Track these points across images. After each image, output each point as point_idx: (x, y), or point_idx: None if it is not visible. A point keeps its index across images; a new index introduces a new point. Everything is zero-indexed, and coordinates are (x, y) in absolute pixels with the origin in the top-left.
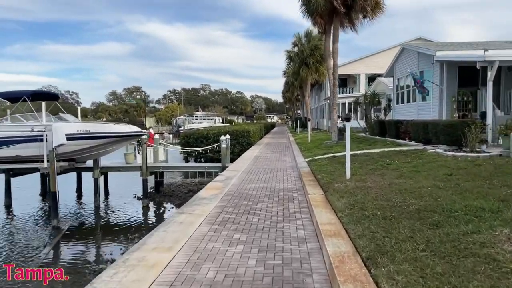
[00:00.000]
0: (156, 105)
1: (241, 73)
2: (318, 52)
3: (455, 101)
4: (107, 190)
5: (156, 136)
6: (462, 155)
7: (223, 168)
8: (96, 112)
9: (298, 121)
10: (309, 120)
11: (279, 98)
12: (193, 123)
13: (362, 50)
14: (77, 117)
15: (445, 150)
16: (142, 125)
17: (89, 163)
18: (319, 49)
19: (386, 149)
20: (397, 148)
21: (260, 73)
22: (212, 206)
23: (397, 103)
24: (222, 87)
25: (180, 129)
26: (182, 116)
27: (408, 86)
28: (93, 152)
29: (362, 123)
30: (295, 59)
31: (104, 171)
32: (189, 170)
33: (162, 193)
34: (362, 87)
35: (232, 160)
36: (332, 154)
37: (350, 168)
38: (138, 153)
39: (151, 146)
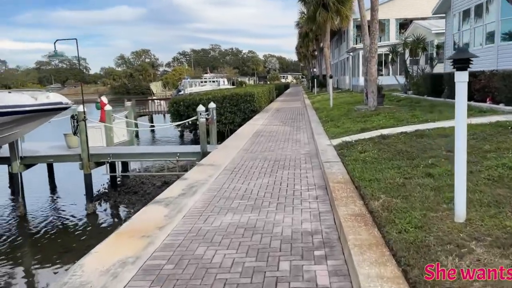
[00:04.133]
0: (166, 69)
1: (254, 32)
2: None
3: None
4: (55, 184)
5: (109, 108)
6: None
7: (203, 155)
8: (100, 78)
9: (315, 80)
10: (331, 77)
11: (293, 57)
12: (194, 87)
13: None
14: None
15: None
16: (148, 90)
17: (5, 152)
18: None
19: (474, 121)
20: (493, 118)
21: (273, 32)
22: None
23: (454, 49)
24: (234, 47)
25: (180, 93)
26: (185, 79)
27: (479, 20)
28: None
29: (401, 79)
30: (309, 0)
31: (28, 163)
32: (153, 160)
33: (122, 190)
34: (393, 35)
35: (227, 135)
36: (376, 131)
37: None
38: (75, 134)
39: (101, 124)
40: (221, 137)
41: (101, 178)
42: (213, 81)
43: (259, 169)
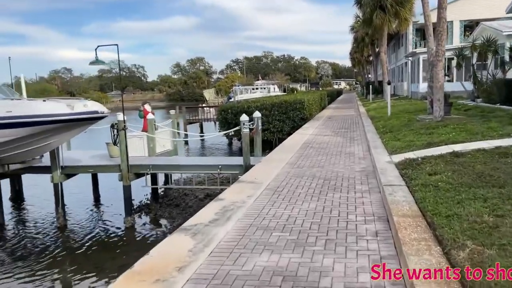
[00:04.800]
0: (220, 76)
1: (306, 39)
2: None
3: None
4: (98, 193)
5: (151, 116)
6: None
7: (246, 168)
8: (157, 85)
9: (370, 86)
10: (389, 83)
11: (346, 63)
12: (244, 94)
13: None
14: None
15: None
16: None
17: (46, 161)
18: None
19: None
20: None
21: (326, 38)
22: None
23: None
24: (285, 54)
25: (230, 100)
26: (236, 86)
27: None
28: (11, 149)
29: (468, 86)
30: (366, 1)
31: (69, 172)
32: (194, 172)
33: (164, 202)
34: (456, 39)
35: (275, 144)
36: (446, 146)
37: None
38: (115, 144)
39: (143, 133)
40: (269, 146)
41: (144, 189)
42: (263, 88)
43: (306, 189)
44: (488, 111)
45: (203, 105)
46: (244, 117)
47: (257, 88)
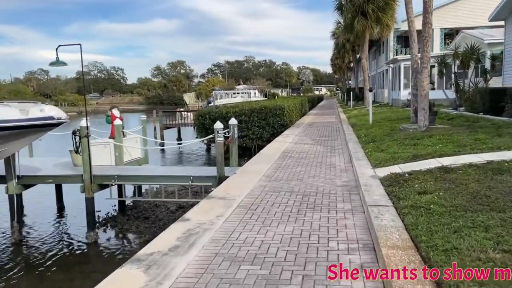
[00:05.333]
0: (201, 80)
1: (288, 44)
2: None
3: None
4: (62, 204)
5: (119, 122)
6: None
7: (219, 180)
8: (135, 88)
9: (351, 92)
10: (371, 90)
11: (328, 69)
12: (224, 98)
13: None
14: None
15: None
16: (181, 100)
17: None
18: None
19: None
20: None
21: (308, 44)
22: None
23: None
24: (267, 59)
25: (210, 105)
26: (216, 90)
27: None
28: None
29: (450, 94)
30: (347, 7)
31: (27, 183)
32: (162, 183)
33: (133, 214)
34: (436, 47)
35: (254, 151)
36: (433, 160)
37: None
38: (77, 153)
39: (111, 139)
40: (249, 152)
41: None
42: (244, 93)
43: (282, 207)
44: (472, 121)
45: (181, 109)
46: (218, 125)
47: (238, 93)
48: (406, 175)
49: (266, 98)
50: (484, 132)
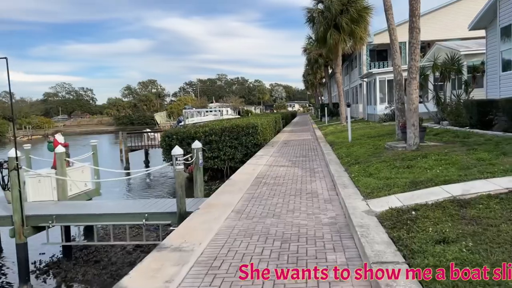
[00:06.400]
0: (173, 99)
1: (260, 62)
2: (354, 7)
3: None
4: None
5: (60, 149)
6: None
7: (180, 217)
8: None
9: (325, 108)
10: (348, 105)
11: (300, 85)
12: (196, 116)
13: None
14: None
15: None
16: (152, 120)
17: None
18: (355, 2)
19: None
20: None
21: (279, 62)
22: None
23: (504, 70)
24: (240, 76)
25: (180, 124)
26: (186, 109)
27: None
28: None
29: (430, 107)
30: (319, 20)
31: None
32: (111, 223)
33: (82, 256)
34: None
35: (226, 174)
36: (438, 188)
37: None
38: (4, 189)
39: (53, 169)
40: (220, 175)
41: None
42: (216, 111)
43: (256, 262)
44: (463, 136)
45: (148, 129)
46: (176, 150)
47: (210, 111)
48: (412, 211)
49: (239, 116)
50: (484, 150)
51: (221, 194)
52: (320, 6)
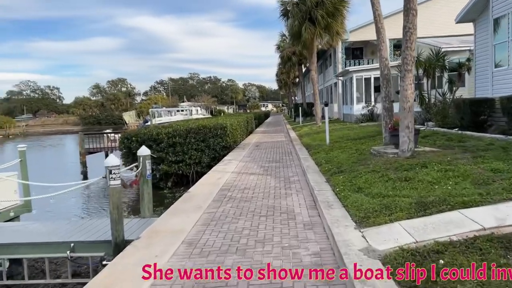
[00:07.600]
0: (144, 98)
1: (233, 62)
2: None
3: None
4: None
5: None
6: None
7: (116, 248)
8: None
9: (299, 108)
10: (326, 104)
11: (273, 85)
12: (164, 116)
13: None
14: None
15: None
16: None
17: None
18: None
19: None
20: None
21: (253, 62)
22: None
23: (498, 66)
24: (212, 76)
25: (147, 124)
26: (153, 108)
27: None
28: None
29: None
30: (294, 12)
31: None
32: (25, 256)
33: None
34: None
35: (192, 180)
36: (456, 213)
37: None
38: None
39: None
40: (186, 181)
41: None
42: (185, 110)
43: None
44: (458, 140)
45: (107, 130)
46: (111, 161)
47: (179, 110)
48: (434, 255)
49: (211, 116)
50: (493, 157)
51: (173, 214)
52: None
